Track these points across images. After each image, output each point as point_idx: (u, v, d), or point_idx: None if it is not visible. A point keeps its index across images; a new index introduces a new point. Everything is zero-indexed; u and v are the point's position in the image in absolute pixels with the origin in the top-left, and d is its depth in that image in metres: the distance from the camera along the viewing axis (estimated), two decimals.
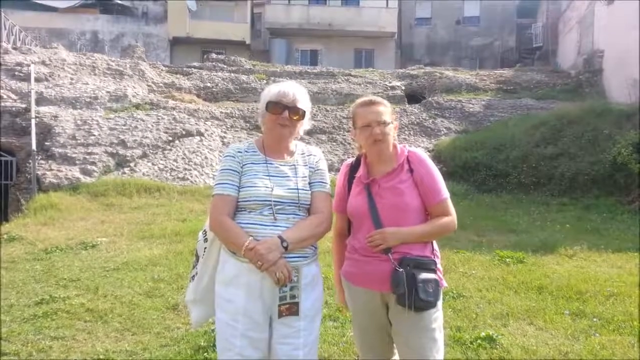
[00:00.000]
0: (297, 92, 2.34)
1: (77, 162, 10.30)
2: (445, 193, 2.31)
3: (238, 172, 2.27)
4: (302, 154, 2.41)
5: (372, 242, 2.21)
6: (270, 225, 2.18)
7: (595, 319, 4.14)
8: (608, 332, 3.88)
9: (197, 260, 2.43)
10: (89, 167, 10.22)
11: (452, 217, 2.31)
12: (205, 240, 2.37)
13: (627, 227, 8.30)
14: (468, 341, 3.67)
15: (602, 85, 16.72)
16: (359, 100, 2.40)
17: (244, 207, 2.23)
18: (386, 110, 2.32)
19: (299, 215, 2.27)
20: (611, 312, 4.28)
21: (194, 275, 2.43)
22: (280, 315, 2.15)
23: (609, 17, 16.71)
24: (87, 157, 10.46)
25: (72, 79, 13.53)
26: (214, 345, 3.46)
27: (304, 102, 2.36)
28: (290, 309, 2.15)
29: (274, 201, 2.21)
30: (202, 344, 3.59)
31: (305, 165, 2.37)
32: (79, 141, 10.87)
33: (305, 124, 2.42)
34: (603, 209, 9.67)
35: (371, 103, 2.33)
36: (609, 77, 16.47)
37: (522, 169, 11.30)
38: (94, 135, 11.13)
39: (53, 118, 11.36)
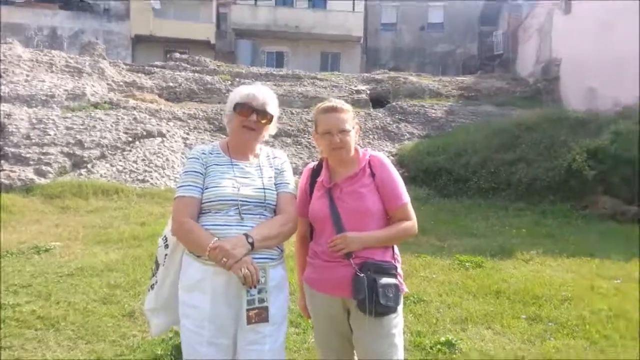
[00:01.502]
0: (267, 95, 2.33)
1: (31, 162, 9.93)
2: (406, 197, 2.32)
3: (202, 174, 2.23)
4: (267, 156, 2.40)
5: (334, 247, 2.20)
6: (236, 225, 2.14)
7: (550, 323, 4.25)
8: (562, 336, 3.99)
9: (157, 267, 2.36)
10: (43, 167, 9.86)
11: (413, 222, 2.32)
12: (166, 246, 2.31)
13: (581, 233, 8.57)
14: (428, 346, 3.70)
15: (559, 93, 17.29)
16: (320, 105, 2.39)
17: (209, 209, 2.18)
18: (347, 117, 2.32)
19: (266, 215, 2.24)
20: (565, 316, 4.40)
21: (153, 284, 2.37)
22: (249, 321, 2.09)
23: (566, 26, 17.31)
24: (42, 157, 10.10)
25: (27, 76, 13.06)
26: (171, 354, 3.39)
27: (273, 107, 2.35)
28: (259, 314, 2.10)
29: (241, 201, 2.17)
30: (159, 352, 3.49)
31: (270, 167, 2.36)
32: (33, 141, 10.48)
33: (272, 128, 2.40)
34: (559, 214, 9.95)
35: (332, 110, 2.32)
36: (566, 85, 17.06)
37: (481, 175, 11.52)
38: (50, 134, 10.76)
39: (6, 116, 10.93)
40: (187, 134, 12.75)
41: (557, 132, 11.90)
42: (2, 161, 9.81)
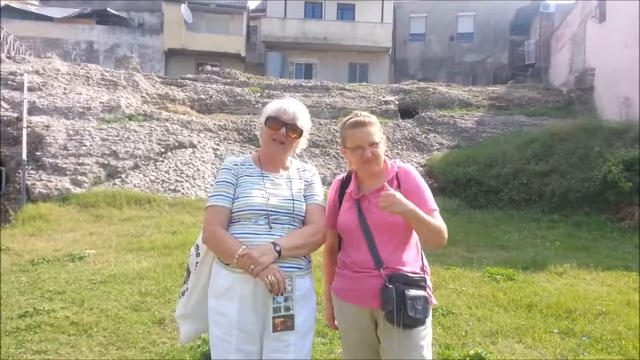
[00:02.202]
0: (298, 110, 2.36)
1: (67, 172, 10.24)
2: (434, 206, 2.29)
3: (233, 184, 2.28)
4: (298, 169, 2.44)
5: (381, 203, 2.13)
6: (264, 234, 2.17)
7: (584, 338, 4.12)
8: (596, 352, 3.87)
9: (189, 275, 2.41)
10: (79, 177, 10.15)
11: (444, 227, 2.27)
12: (198, 255, 2.35)
13: (617, 245, 8.32)
14: (457, 359, 3.64)
15: (593, 103, 16.88)
16: (347, 121, 2.38)
17: (239, 218, 2.22)
18: (375, 130, 2.32)
19: (294, 226, 2.27)
20: (600, 331, 4.27)
21: (184, 291, 2.41)
22: (275, 329, 2.10)
23: (600, 35, 16.91)
24: (78, 167, 10.41)
25: (65, 89, 13.50)
26: None
27: (304, 121, 2.37)
28: (285, 322, 2.11)
29: (270, 211, 2.21)
30: (187, 359, 3.54)
31: (300, 179, 2.39)
32: (70, 151, 10.82)
33: (303, 143, 2.43)
34: (593, 226, 9.68)
35: (360, 124, 2.32)
36: (600, 94, 16.64)
37: (513, 186, 11.34)
38: (86, 145, 11.08)
39: (45, 128, 11.31)
40: (218, 144, 12.94)
41: (591, 143, 11.64)
42: (40, 171, 10.15)
